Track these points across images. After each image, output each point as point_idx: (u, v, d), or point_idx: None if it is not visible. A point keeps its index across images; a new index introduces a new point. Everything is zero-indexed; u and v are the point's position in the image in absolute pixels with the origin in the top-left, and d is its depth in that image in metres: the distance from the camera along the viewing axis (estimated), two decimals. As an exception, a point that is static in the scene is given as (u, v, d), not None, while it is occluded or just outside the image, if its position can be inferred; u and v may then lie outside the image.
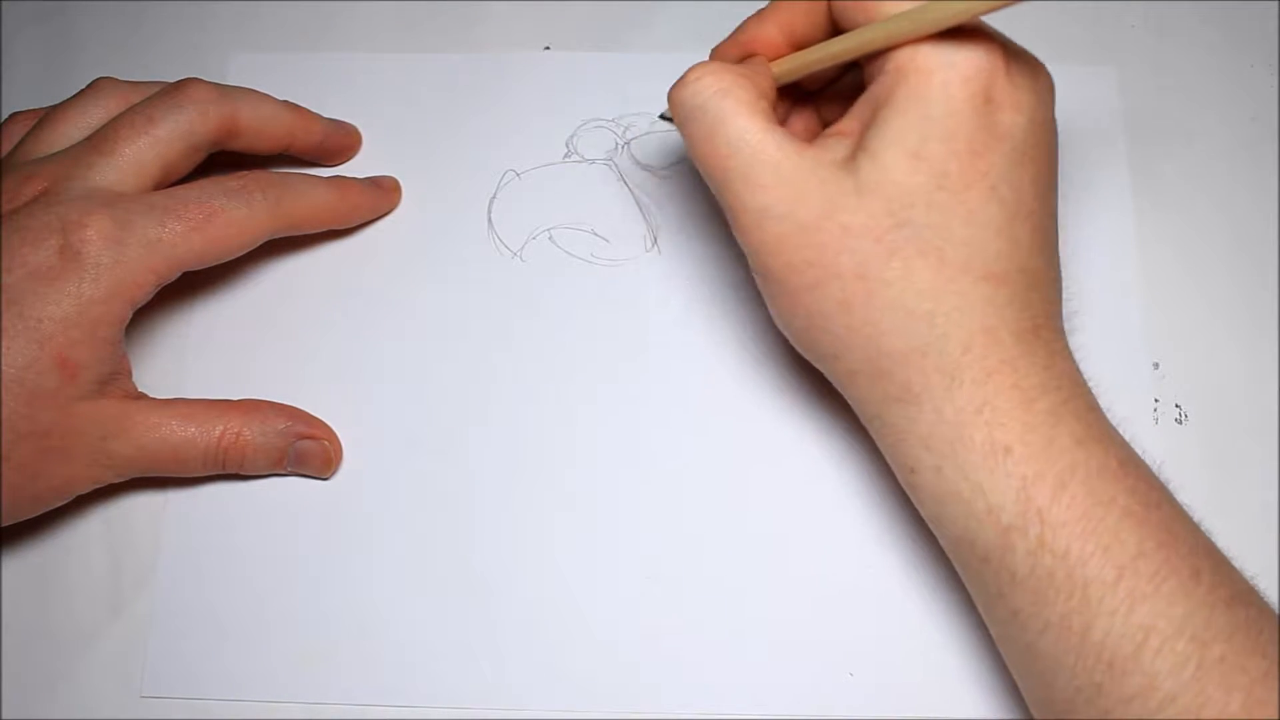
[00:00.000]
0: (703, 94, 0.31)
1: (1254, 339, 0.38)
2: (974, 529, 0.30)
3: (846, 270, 0.30)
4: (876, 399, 0.31)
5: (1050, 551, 0.28)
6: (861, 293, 0.30)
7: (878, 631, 0.35)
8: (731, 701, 0.35)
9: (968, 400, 0.30)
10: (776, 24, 0.34)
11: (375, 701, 0.35)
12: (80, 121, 0.37)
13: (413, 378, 0.39)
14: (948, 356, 0.30)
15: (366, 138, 0.42)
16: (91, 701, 0.35)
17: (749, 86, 0.32)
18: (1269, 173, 0.40)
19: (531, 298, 0.39)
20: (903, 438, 0.31)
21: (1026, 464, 0.29)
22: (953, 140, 0.29)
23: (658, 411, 0.38)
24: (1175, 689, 0.27)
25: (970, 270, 0.30)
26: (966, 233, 0.30)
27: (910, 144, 0.29)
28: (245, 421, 0.36)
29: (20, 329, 0.32)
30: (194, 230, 0.35)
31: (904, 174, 0.29)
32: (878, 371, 0.31)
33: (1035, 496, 0.29)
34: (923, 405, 0.30)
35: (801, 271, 0.31)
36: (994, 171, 0.30)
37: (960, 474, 0.30)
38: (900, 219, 0.30)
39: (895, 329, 0.30)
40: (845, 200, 0.30)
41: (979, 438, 0.29)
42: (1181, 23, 0.43)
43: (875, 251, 0.30)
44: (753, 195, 0.31)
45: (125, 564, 0.37)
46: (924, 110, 0.29)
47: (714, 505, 0.37)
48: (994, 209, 0.30)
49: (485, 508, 0.37)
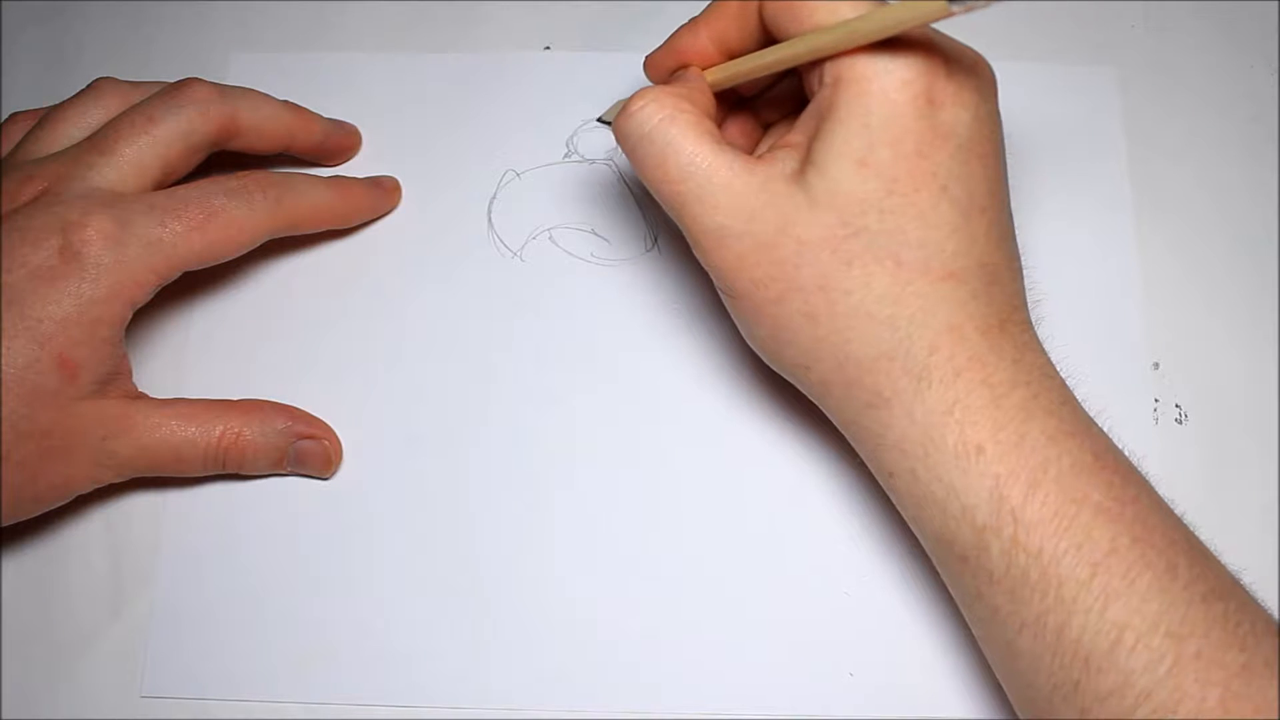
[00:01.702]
0: (648, 122, 0.32)
1: (1254, 339, 0.38)
2: (950, 530, 0.30)
3: (807, 282, 0.30)
4: (850, 407, 0.32)
5: (1024, 551, 0.28)
6: (824, 303, 0.30)
7: (878, 631, 0.35)
8: (731, 701, 0.35)
9: (937, 401, 0.30)
10: (709, 33, 0.34)
11: (375, 701, 0.35)
12: (80, 121, 0.37)
13: (413, 378, 0.39)
14: (914, 359, 0.30)
15: (366, 138, 0.42)
16: (91, 701, 0.35)
17: (691, 109, 0.32)
18: (1269, 173, 0.40)
19: (531, 298, 0.39)
20: (878, 444, 0.31)
21: (999, 463, 0.29)
22: (898, 144, 0.29)
23: (657, 411, 0.38)
24: (1150, 685, 0.27)
25: (929, 271, 0.30)
26: (921, 234, 0.30)
27: (856, 153, 0.29)
28: (245, 421, 0.36)
29: (20, 329, 0.32)
30: (194, 230, 0.35)
31: (853, 183, 0.30)
32: (848, 380, 0.31)
33: (1008, 496, 0.29)
34: (894, 410, 0.30)
35: (765, 286, 0.31)
36: (942, 171, 0.30)
37: (934, 476, 0.30)
38: (854, 228, 0.30)
39: (860, 336, 0.30)
40: (798, 214, 0.30)
41: (950, 438, 0.29)
42: (1181, 23, 0.43)
43: (833, 262, 0.30)
44: (709, 217, 0.31)
45: (125, 564, 0.37)
46: (866, 118, 0.29)
47: (714, 505, 0.37)
48: (946, 208, 0.30)
49: (485, 507, 0.37)
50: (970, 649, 0.35)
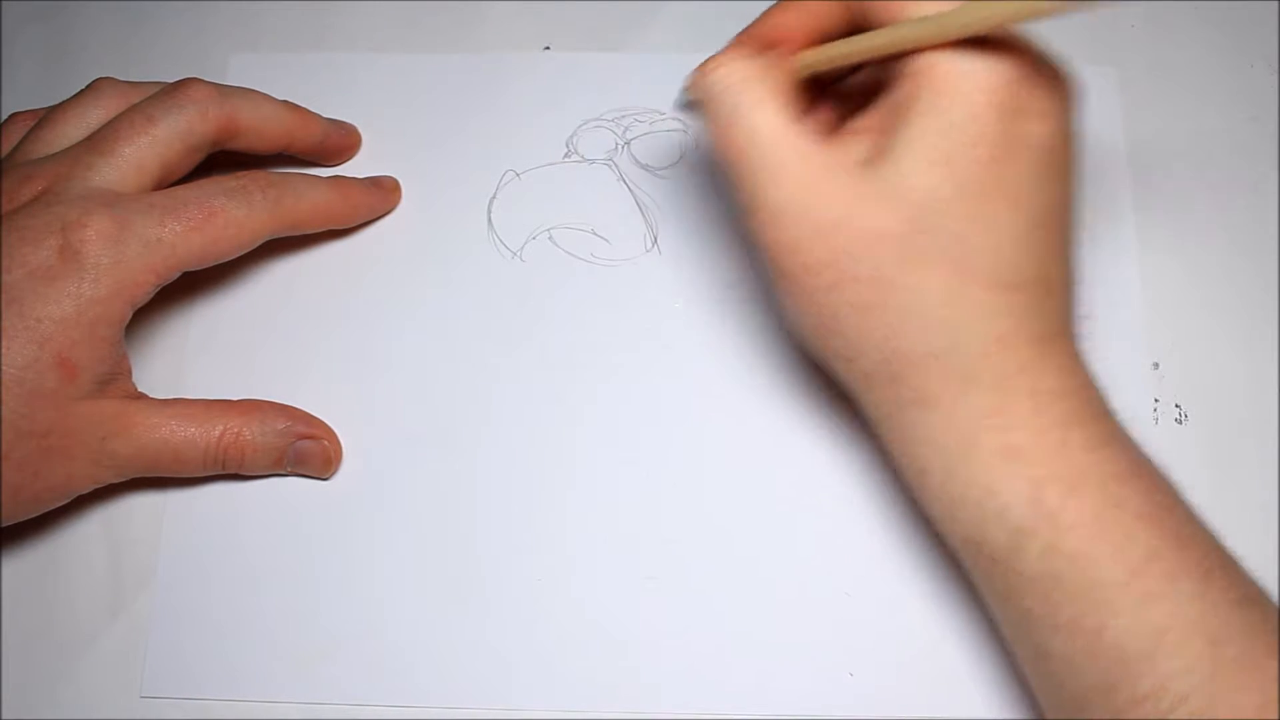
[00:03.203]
0: (723, 81, 0.31)
1: (1254, 339, 0.38)
2: (984, 531, 0.30)
3: (864, 274, 0.30)
4: (889, 401, 0.31)
5: (1061, 554, 0.28)
6: (878, 297, 0.30)
7: (878, 631, 0.35)
8: (731, 701, 0.35)
9: (982, 404, 0.29)
10: (797, 16, 0.33)
11: (375, 701, 0.35)
12: (80, 121, 0.37)
13: (413, 378, 0.39)
14: (964, 363, 0.30)
15: (366, 138, 0.42)
16: (91, 701, 0.35)
17: (770, 79, 0.31)
18: (1269, 173, 0.40)
19: (531, 298, 0.39)
20: (914, 441, 0.31)
21: (1038, 465, 0.29)
22: (975, 148, 0.29)
23: (657, 411, 0.38)
24: (1188, 689, 0.27)
25: (988, 279, 0.29)
26: (986, 241, 0.29)
27: (934, 151, 0.29)
28: (245, 421, 0.36)
29: (20, 329, 0.32)
30: (194, 230, 0.35)
31: (927, 181, 0.29)
32: (892, 375, 0.31)
33: (1046, 498, 0.29)
34: (936, 409, 0.30)
35: (817, 273, 0.30)
36: (1015, 181, 0.29)
37: (971, 476, 0.30)
38: (921, 226, 0.29)
39: (912, 334, 0.30)
40: (864, 204, 0.29)
41: (991, 441, 0.29)
42: (1181, 23, 0.43)
43: (894, 257, 0.29)
44: (770, 191, 0.30)
45: (125, 564, 0.37)
46: (948, 118, 0.29)
47: (714, 505, 0.37)
48: (1014, 218, 0.29)
49: (485, 507, 0.37)
50: (970, 649, 0.35)
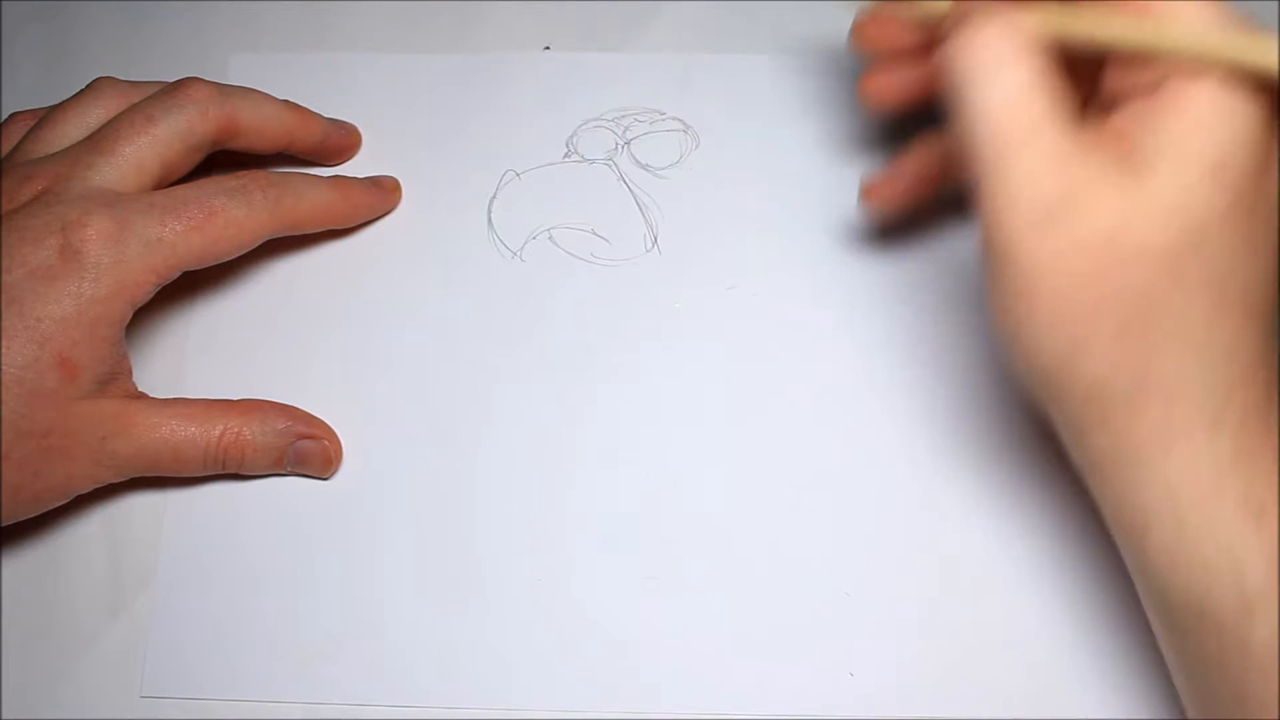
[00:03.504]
0: (992, 44, 0.27)
1: (1254, 339, 0.38)
2: (1213, 595, 0.27)
3: (1131, 292, 0.27)
4: (1123, 443, 0.28)
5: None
6: (1142, 318, 0.27)
7: (878, 631, 0.35)
8: (731, 701, 0.35)
9: (1228, 449, 0.27)
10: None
11: (375, 701, 0.35)
12: (80, 121, 0.37)
13: (413, 378, 0.39)
14: (1215, 397, 0.27)
15: (366, 138, 0.42)
16: (91, 701, 0.35)
17: (1030, 50, 0.27)
18: (1269, 173, 0.40)
19: (531, 298, 0.39)
20: (1142, 486, 0.28)
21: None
22: (1247, 162, 0.27)
23: (657, 411, 0.38)
24: None
25: (1244, 305, 0.27)
26: (1247, 261, 0.27)
27: (1211, 160, 0.26)
28: (245, 421, 0.36)
29: (20, 328, 0.32)
30: (194, 230, 0.35)
31: (1205, 193, 0.26)
32: (1135, 408, 0.27)
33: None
34: (1176, 449, 0.27)
35: (1080, 289, 0.27)
36: (1271, 199, 0.27)
37: (1207, 531, 0.27)
38: (1194, 241, 0.27)
39: (1168, 361, 0.27)
40: (1139, 214, 0.27)
41: (1234, 493, 0.27)
42: (1182, 23, 0.42)
43: (1164, 274, 0.27)
44: (1030, 188, 0.27)
45: (125, 564, 0.37)
46: (1224, 126, 0.26)
47: (714, 505, 0.37)
48: (1271, 239, 0.28)
49: (485, 507, 0.37)
50: (970, 649, 0.35)
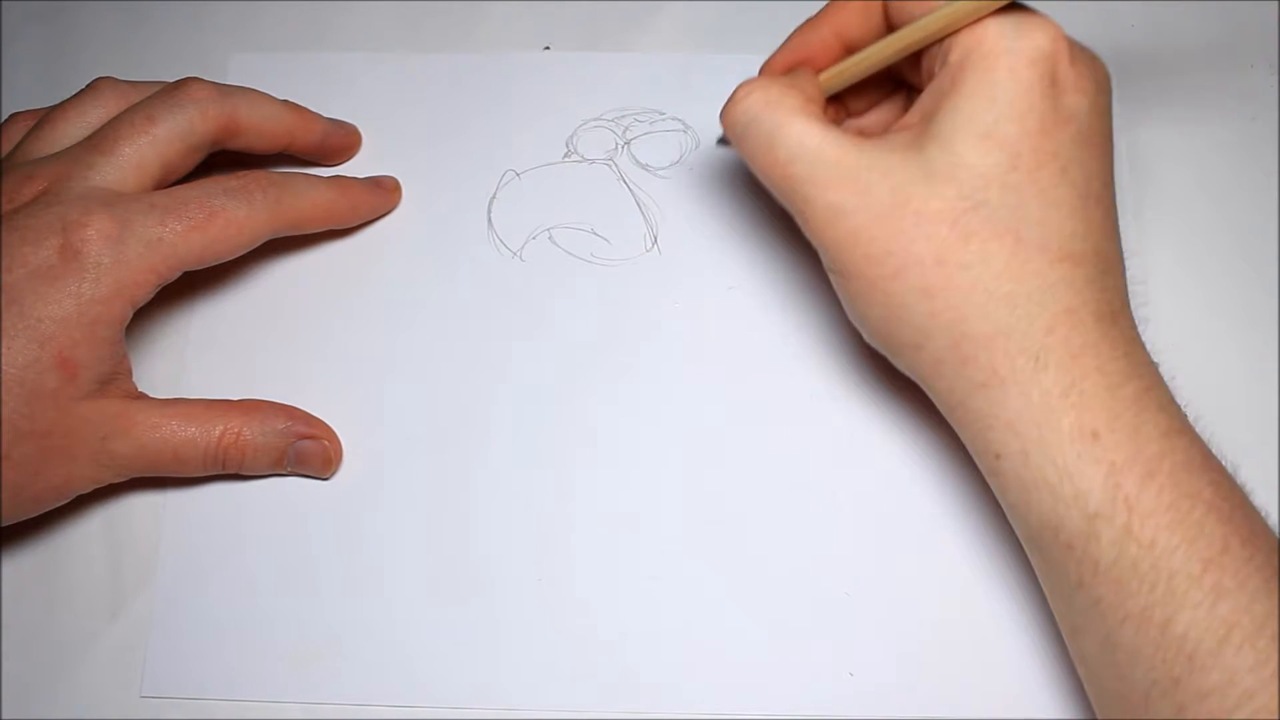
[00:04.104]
0: (753, 109, 0.32)
1: (1254, 339, 0.38)
2: (1059, 515, 0.30)
3: (925, 256, 0.30)
4: (961, 387, 0.31)
5: (1136, 541, 0.28)
6: (941, 278, 0.30)
7: (878, 631, 0.35)
8: (731, 701, 0.35)
9: (1054, 383, 0.30)
10: (831, 28, 0.34)
11: (375, 701, 0.35)
12: (80, 121, 0.37)
13: (413, 378, 0.39)
14: (1032, 338, 0.30)
15: (366, 138, 0.42)
16: (91, 701, 0.35)
17: (796, 93, 0.32)
18: (1269, 173, 0.40)
19: (531, 298, 0.39)
20: (988, 424, 0.31)
21: (1115, 450, 0.29)
22: (1023, 120, 0.30)
23: (658, 411, 0.38)
24: (1255, 686, 0.27)
25: (1047, 250, 0.30)
26: (1041, 213, 0.30)
27: (981, 126, 0.30)
28: (245, 421, 0.36)
29: (20, 329, 0.32)
30: (194, 230, 0.35)
31: (977, 156, 0.30)
32: (962, 358, 0.31)
33: (1123, 484, 0.29)
34: (1008, 389, 0.30)
35: (880, 262, 0.31)
36: (1063, 152, 0.30)
37: (1047, 459, 0.29)
38: (975, 201, 0.30)
39: (977, 313, 0.30)
40: (916, 187, 0.30)
41: (1066, 422, 0.29)
42: (1181, 23, 0.43)
43: (952, 235, 0.30)
44: (821, 195, 0.31)
45: (125, 564, 0.37)
46: (992, 92, 0.30)
47: (714, 505, 0.37)
48: (1066, 189, 0.30)
49: (484, 507, 0.37)
50: (970, 649, 0.35)
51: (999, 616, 0.35)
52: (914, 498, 0.36)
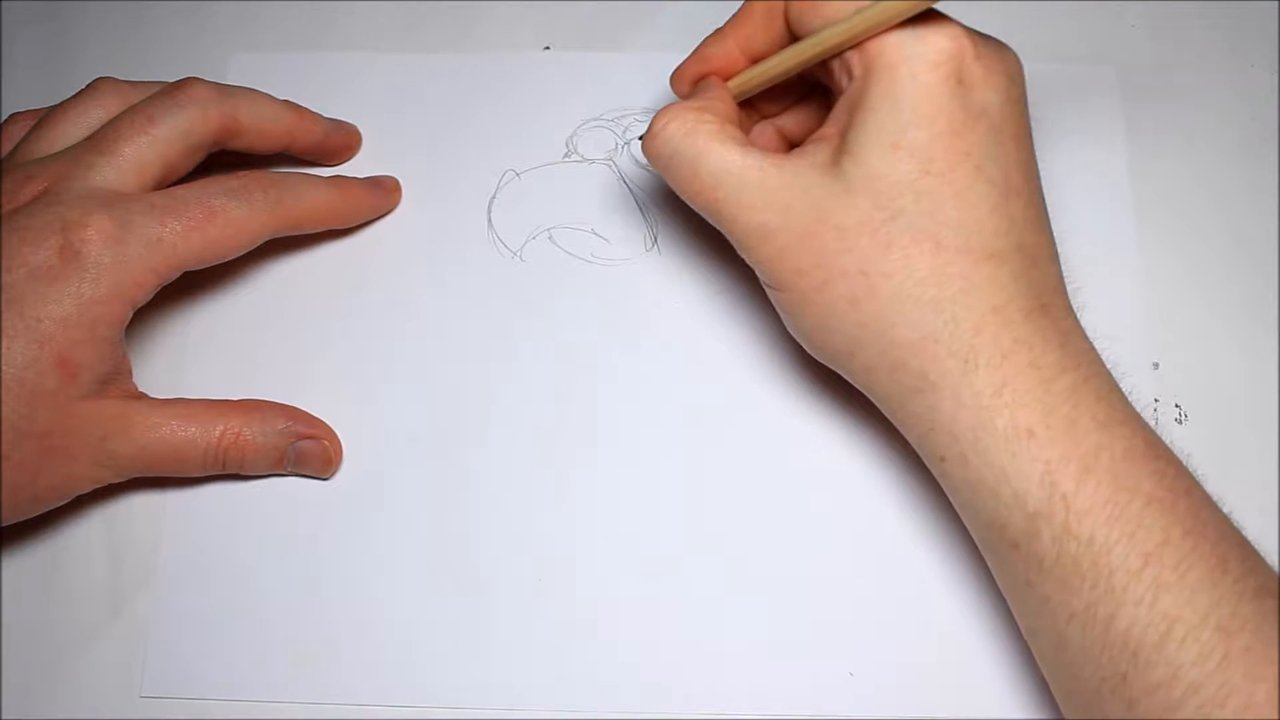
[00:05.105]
0: (672, 141, 0.33)
1: (1254, 339, 0.38)
2: (1002, 516, 0.30)
3: (849, 268, 0.31)
4: (897, 393, 0.32)
5: (1075, 538, 0.28)
6: (866, 288, 0.31)
7: (878, 631, 0.35)
8: (731, 701, 0.35)
9: (985, 383, 0.30)
10: (735, 39, 0.35)
11: (375, 701, 0.35)
12: (80, 121, 0.37)
13: (413, 378, 0.39)
14: (960, 340, 0.30)
15: (366, 138, 0.42)
16: (91, 701, 0.35)
17: (713, 118, 0.33)
18: (1269, 173, 0.40)
19: (531, 298, 0.39)
20: (929, 428, 0.31)
21: (1050, 447, 0.29)
22: (931, 125, 0.30)
23: (657, 411, 0.38)
24: (1200, 679, 0.27)
25: (969, 251, 0.30)
26: (959, 214, 0.30)
27: (889, 136, 0.30)
28: (245, 421, 0.36)
29: (20, 329, 0.32)
30: (194, 230, 0.35)
31: (888, 166, 0.30)
32: (893, 364, 0.31)
33: (1060, 482, 0.29)
34: (941, 393, 0.30)
35: (807, 275, 0.31)
36: (977, 150, 0.30)
37: (984, 460, 0.30)
38: (891, 210, 0.30)
39: (904, 320, 0.30)
40: (835, 202, 0.31)
41: (1000, 421, 0.29)
42: (1181, 23, 0.43)
43: (873, 246, 0.30)
44: (747, 216, 0.32)
45: (125, 564, 0.37)
46: (897, 101, 0.30)
47: (714, 505, 0.37)
48: (983, 187, 0.30)
49: (485, 507, 0.37)
50: (970, 649, 0.35)
51: (999, 617, 0.35)
52: (915, 498, 0.36)
